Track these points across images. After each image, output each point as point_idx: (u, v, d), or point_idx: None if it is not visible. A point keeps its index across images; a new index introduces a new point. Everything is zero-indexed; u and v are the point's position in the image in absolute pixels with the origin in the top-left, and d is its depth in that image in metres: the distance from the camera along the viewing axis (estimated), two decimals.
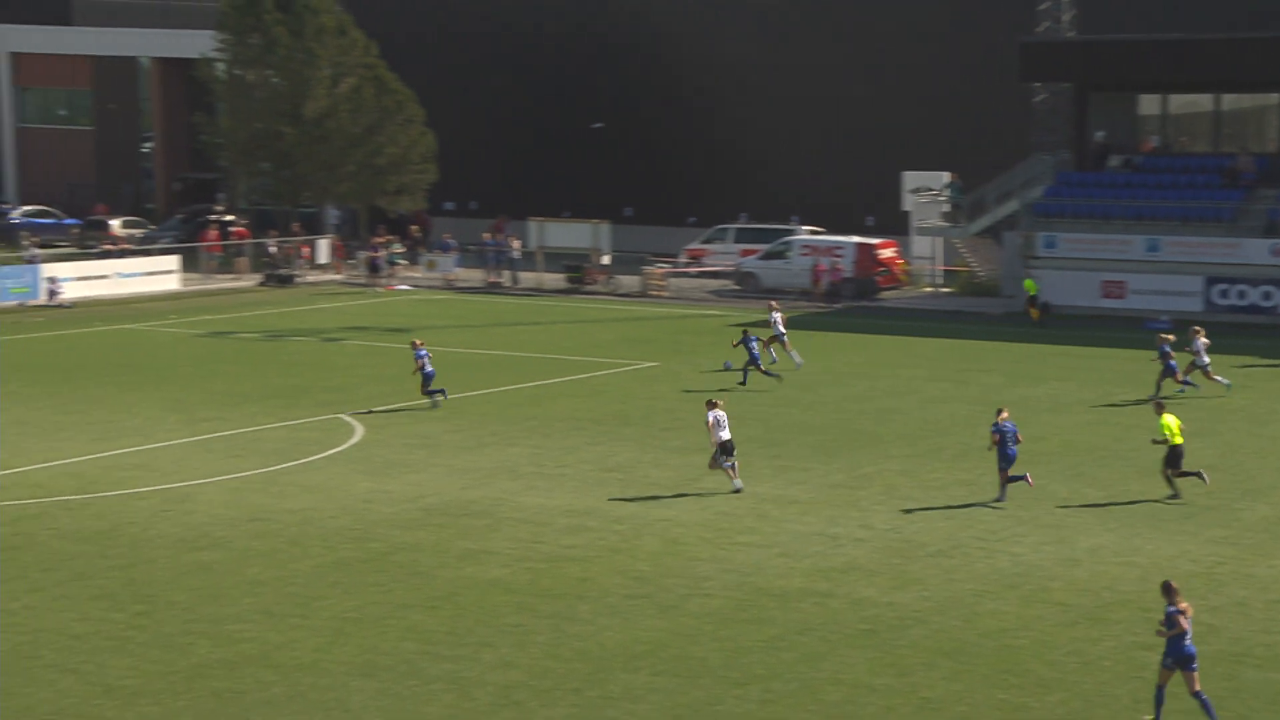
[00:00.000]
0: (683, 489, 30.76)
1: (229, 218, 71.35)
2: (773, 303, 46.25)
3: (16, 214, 75.45)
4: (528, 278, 64.93)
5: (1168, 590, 19.63)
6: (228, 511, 28.84)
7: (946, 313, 57.34)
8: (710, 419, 30.16)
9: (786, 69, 72.82)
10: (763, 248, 64.18)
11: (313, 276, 66.14)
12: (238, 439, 35.17)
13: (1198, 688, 19.29)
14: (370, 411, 37.71)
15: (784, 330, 44.38)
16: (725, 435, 30.05)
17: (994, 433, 29.57)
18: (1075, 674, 21.22)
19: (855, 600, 24.13)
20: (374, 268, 65.31)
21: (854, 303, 59.35)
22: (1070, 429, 36.44)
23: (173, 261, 62.95)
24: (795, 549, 26.83)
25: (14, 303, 56.63)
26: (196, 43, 73.08)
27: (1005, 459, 29.48)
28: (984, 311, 56.89)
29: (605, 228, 64.79)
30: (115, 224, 71.87)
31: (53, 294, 57.25)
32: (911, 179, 63.71)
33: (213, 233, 68.01)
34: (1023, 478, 29.63)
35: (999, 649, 22.12)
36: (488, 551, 26.64)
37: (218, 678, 20.86)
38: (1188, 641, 19.30)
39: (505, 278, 65.26)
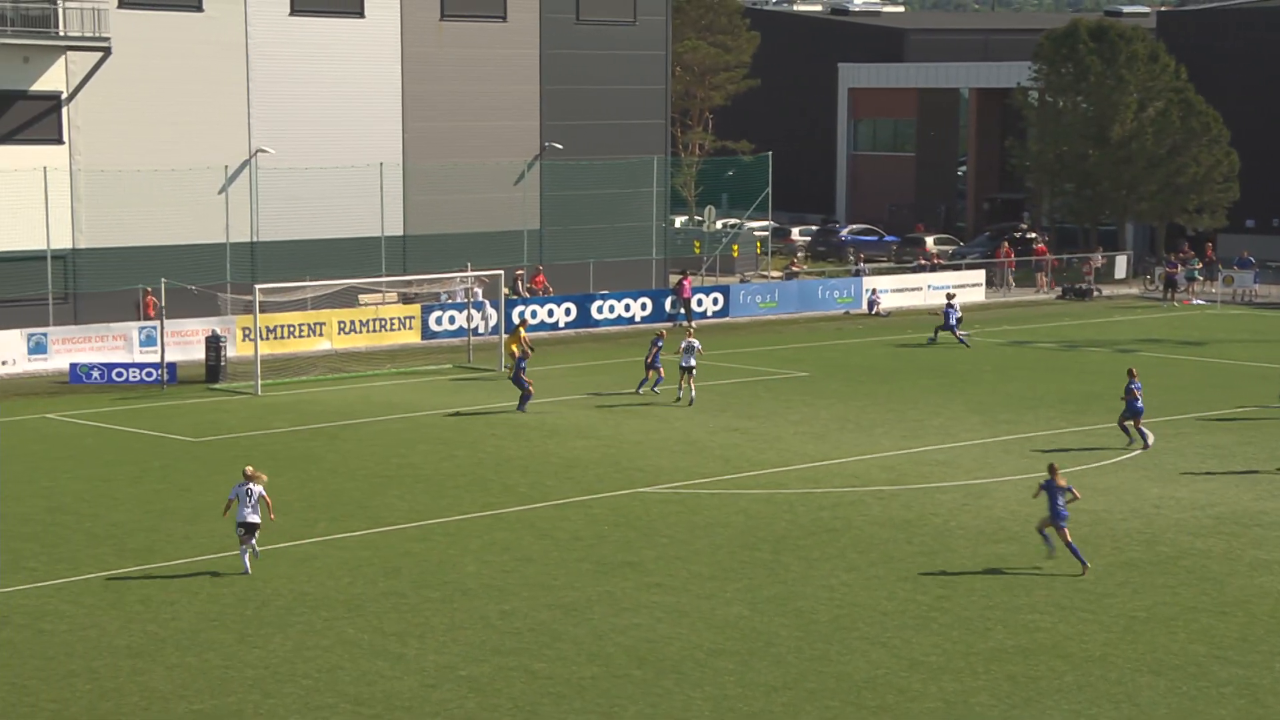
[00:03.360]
0: None
1: (1031, 235, 71.07)
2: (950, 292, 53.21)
3: (845, 232, 78.49)
4: None
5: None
6: (1023, 508, 28.52)
7: None
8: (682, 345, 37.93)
9: None
10: None
11: (1110, 290, 64.57)
12: (1034, 440, 34.80)
13: None
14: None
15: (958, 319, 49.70)
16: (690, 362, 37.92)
17: None
18: None
19: None
20: (1171, 283, 62.91)
21: None
22: None
23: (978, 276, 63.43)
24: None
25: (840, 311, 58.94)
26: (1012, 73, 73.96)
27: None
28: None
29: None
30: (929, 241, 73.23)
31: (872, 305, 59.00)
32: None
33: (1007, 249, 67.86)
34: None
35: None
36: None
37: (1013, 662, 20.63)
38: None
39: None
